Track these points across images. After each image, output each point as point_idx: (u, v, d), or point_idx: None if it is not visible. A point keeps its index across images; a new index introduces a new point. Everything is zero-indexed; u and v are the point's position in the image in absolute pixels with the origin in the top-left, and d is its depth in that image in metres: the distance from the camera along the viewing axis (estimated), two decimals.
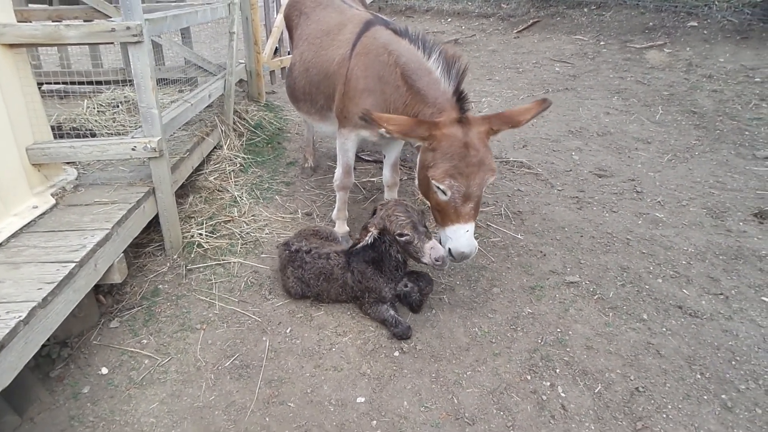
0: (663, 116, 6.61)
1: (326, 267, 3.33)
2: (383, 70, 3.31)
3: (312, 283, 3.35)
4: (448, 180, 2.88)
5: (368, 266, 3.25)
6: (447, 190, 2.91)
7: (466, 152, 2.87)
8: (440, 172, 2.89)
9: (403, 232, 3.03)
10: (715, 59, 8.10)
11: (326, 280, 3.33)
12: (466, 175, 2.87)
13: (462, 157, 2.86)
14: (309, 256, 3.37)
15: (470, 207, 2.95)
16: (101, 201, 3.38)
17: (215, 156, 5.04)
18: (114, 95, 5.43)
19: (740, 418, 2.63)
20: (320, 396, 2.79)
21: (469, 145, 2.88)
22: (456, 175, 2.87)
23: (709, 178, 5.04)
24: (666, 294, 3.49)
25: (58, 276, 2.55)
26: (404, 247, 3.10)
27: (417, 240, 3.03)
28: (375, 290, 3.23)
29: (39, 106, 3.33)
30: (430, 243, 3.03)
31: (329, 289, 3.35)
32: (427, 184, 3.07)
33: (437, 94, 3.11)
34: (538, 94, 7.64)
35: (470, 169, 2.87)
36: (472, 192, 2.91)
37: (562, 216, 4.44)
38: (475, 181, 2.89)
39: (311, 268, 3.34)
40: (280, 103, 7.26)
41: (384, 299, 3.24)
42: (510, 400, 2.76)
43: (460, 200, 2.93)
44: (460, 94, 3.04)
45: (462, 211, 2.95)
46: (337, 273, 3.32)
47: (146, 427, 2.62)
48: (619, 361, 2.98)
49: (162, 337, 3.17)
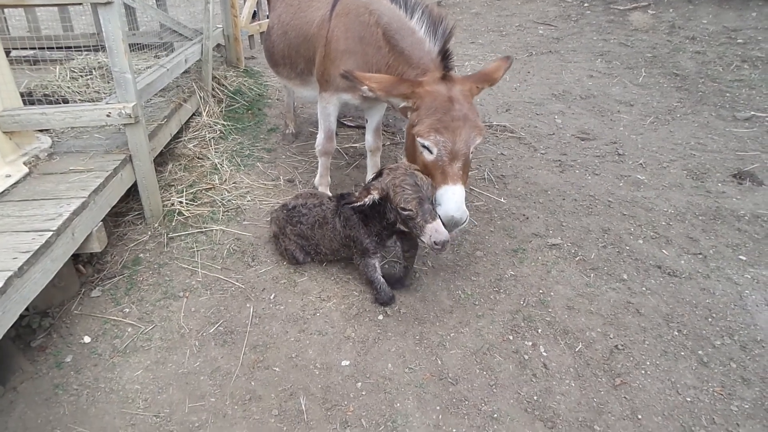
0: (646, 79, 6.61)
1: (320, 213, 3.31)
2: (364, 31, 3.23)
3: (309, 234, 3.32)
4: (433, 135, 2.78)
5: (354, 214, 3.09)
6: (433, 146, 2.81)
7: (451, 106, 2.79)
8: (425, 127, 2.79)
9: (407, 206, 2.73)
10: (698, 21, 8.07)
11: (320, 227, 3.29)
12: (452, 130, 2.77)
13: (446, 111, 2.78)
14: (305, 208, 3.37)
15: (458, 166, 2.82)
16: (77, 169, 3.30)
17: (194, 123, 4.94)
18: (87, 61, 5.25)
19: (715, 372, 2.71)
20: (305, 360, 2.81)
21: (453, 99, 2.81)
22: (441, 129, 2.76)
23: (690, 140, 5.08)
24: (646, 254, 3.54)
25: (35, 245, 2.50)
26: (404, 221, 2.83)
27: (420, 218, 2.72)
28: (356, 240, 3.12)
29: (7, 71, 3.21)
30: (434, 224, 2.70)
31: (324, 236, 3.28)
32: (413, 147, 2.98)
33: (421, 54, 3.05)
34: (521, 57, 7.58)
35: (455, 123, 2.77)
36: (458, 149, 2.79)
37: (544, 179, 4.45)
38: (461, 136, 2.78)
39: (308, 219, 3.33)
40: (259, 68, 7.10)
41: (368, 251, 3.12)
42: (493, 360, 2.80)
43: (447, 158, 2.81)
44: (445, 54, 2.96)
45: (449, 170, 2.82)
46: (329, 217, 3.26)
47: (131, 393, 2.63)
48: (599, 320, 3.04)
49: (144, 305, 3.15)
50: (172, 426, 2.47)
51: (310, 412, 2.53)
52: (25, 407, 2.53)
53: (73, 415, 2.51)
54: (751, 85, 6.15)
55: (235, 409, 2.55)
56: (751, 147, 4.90)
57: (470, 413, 2.53)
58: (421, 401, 2.58)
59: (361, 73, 2.93)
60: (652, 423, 2.46)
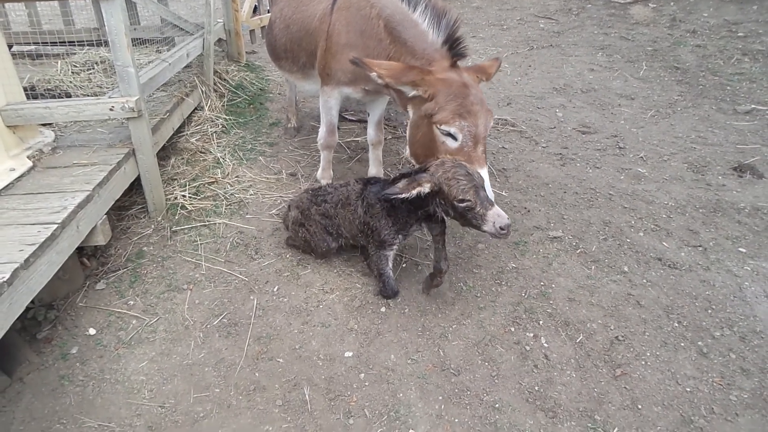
0: (646, 72, 6.61)
1: (344, 193, 3.25)
2: (365, 24, 3.24)
3: (332, 213, 3.26)
4: (458, 121, 2.76)
5: (379, 203, 3.01)
6: (458, 132, 2.79)
7: (467, 91, 2.81)
8: (448, 113, 2.77)
9: (466, 197, 2.61)
10: (698, 14, 8.05)
11: (342, 207, 3.23)
12: (474, 113, 2.77)
13: (465, 96, 2.79)
14: (331, 187, 3.36)
15: (481, 150, 2.83)
16: (81, 163, 3.32)
17: (196, 117, 4.95)
18: (89, 56, 5.27)
19: (715, 363, 2.73)
20: (309, 351, 2.84)
21: (467, 85, 2.83)
22: (464, 113, 2.76)
23: (690, 133, 5.08)
24: (646, 247, 3.56)
25: (40, 237, 2.52)
26: (461, 213, 2.69)
27: (480, 207, 2.62)
28: (373, 229, 3.06)
29: (10, 66, 3.23)
30: (494, 210, 2.63)
31: (345, 217, 3.21)
32: (430, 138, 2.91)
33: (425, 45, 3.05)
34: (522, 51, 7.58)
35: (475, 107, 2.79)
36: (480, 132, 2.81)
37: (546, 173, 4.47)
38: (481, 120, 2.80)
39: (332, 198, 3.28)
40: (261, 63, 7.11)
41: (384, 244, 3.06)
42: (494, 351, 2.83)
43: (472, 142, 2.80)
44: (452, 45, 2.95)
45: (474, 155, 2.80)
46: (352, 198, 3.19)
47: (136, 384, 2.65)
48: (600, 312, 3.06)
49: (149, 297, 3.17)
50: (177, 416, 2.50)
51: (313, 403, 2.56)
52: (32, 398, 2.56)
53: (79, 406, 2.54)
54: (752, 79, 6.15)
55: (240, 399, 2.58)
56: (751, 140, 4.91)
57: (472, 403, 2.55)
58: (424, 392, 2.61)
59: (369, 59, 2.92)
60: (651, 413, 2.49)
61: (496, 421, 2.47)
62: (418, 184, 2.69)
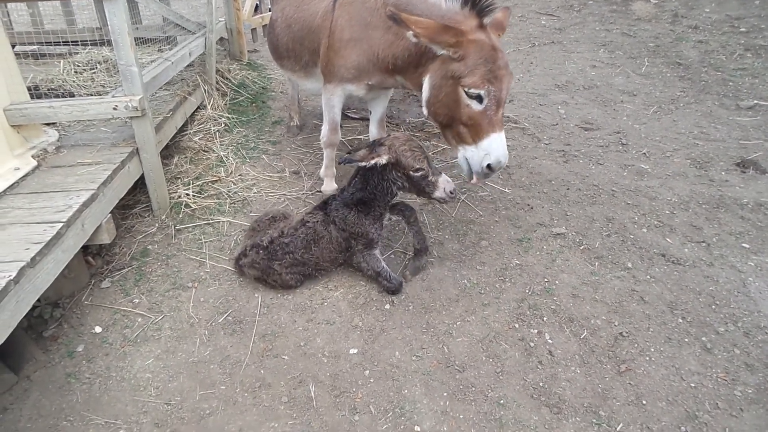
0: (648, 68, 6.60)
1: (308, 232, 3.15)
2: (370, 16, 3.22)
3: (306, 257, 3.14)
4: (487, 85, 2.80)
5: (349, 210, 3.13)
6: (485, 96, 2.82)
7: (496, 55, 2.81)
8: (478, 78, 2.79)
9: (421, 165, 2.93)
10: (701, 9, 8.04)
11: (316, 244, 3.15)
12: (500, 78, 2.81)
13: (494, 60, 2.80)
14: (286, 237, 3.15)
15: (501, 113, 2.91)
16: (84, 162, 3.33)
17: (199, 116, 4.96)
18: (91, 55, 5.27)
19: (719, 359, 2.74)
20: (313, 348, 2.85)
21: (495, 48, 2.82)
22: (493, 79, 2.79)
23: (693, 129, 5.08)
24: (650, 243, 3.56)
25: (46, 236, 2.53)
26: (416, 182, 2.98)
27: (431, 175, 2.97)
28: (362, 234, 3.13)
29: (14, 65, 3.24)
30: (443, 177, 3.00)
31: (322, 253, 3.18)
32: (454, 99, 2.94)
33: (441, 13, 2.98)
34: (524, 48, 7.57)
35: (502, 71, 2.82)
36: (503, 96, 2.87)
37: (548, 169, 4.47)
38: (505, 84, 2.85)
39: (296, 245, 3.13)
40: (262, 61, 7.11)
41: (373, 242, 3.17)
42: (499, 348, 2.84)
43: (495, 106, 2.86)
44: (474, 3, 2.87)
45: (495, 118, 2.87)
46: (320, 230, 3.16)
47: (142, 382, 2.67)
48: (604, 308, 3.06)
49: (154, 295, 3.18)
50: (183, 413, 2.51)
51: (319, 399, 2.57)
52: (39, 395, 2.58)
53: (86, 403, 2.56)
54: (755, 74, 6.14)
55: (245, 396, 2.59)
56: (754, 136, 4.91)
57: (477, 399, 2.56)
58: (429, 388, 2.62)
59: (407, 15, 2.84)
60: (656, 408, 2.50)
61: (500, 417, 2.47)
62: (377, 155, 2.93)
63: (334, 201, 3.22)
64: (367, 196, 3.11)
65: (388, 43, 3.18)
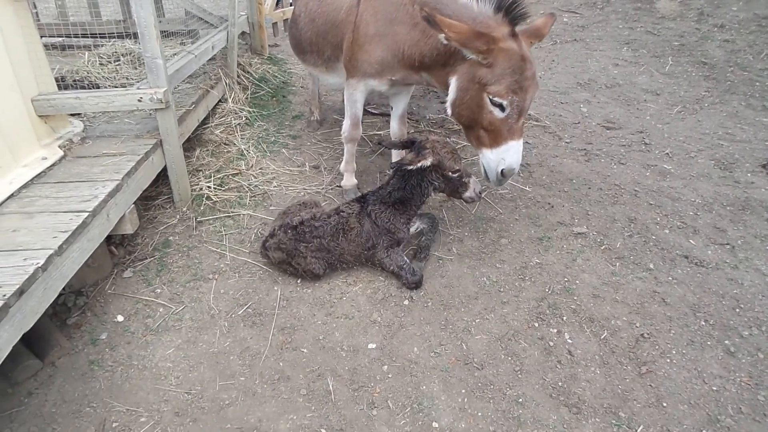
0: (673, 67, 6.50)
1: (340, 221, 3.21)
2: (396, 11, 3.21)
3: (332, 245, 3.17)
4: (511, 96, 2.83)
5: (386, 208, 3.23)
6: (508, 106, 2.86)
7: (524, 65, 2.81)
8: (503, 87, 2.82)
9: (459, 167, 3.15)
10: (727, 8, 7.88)
11: (344, 234, 3.19)
12: (525, 89, 2.84)
13: (522, 71, 2.80)
14: (317, 221, 3.20)
15: (522, 122, 2.95)
16: (109, 153, 3.37)
17: (220, 109, 4.99)
18: (115, 48, 5.33)
19: (743, 363, 2.70)
20: (332, 342, 2.86)
21: (525, 58, 2.81)
22: (518, 90, 2.82)
23: (718, 130, 5.00)
24: (672, 244, 3.51)
25: (72, 225, 2.57)
26: (452, 183, 3.19)
27: (465, 176, 3.19)
28: (393, 232, 3.21)
29: (42, 56, 3.28)
30: (473, 178, 3.24)
31: (349, 245, 3.20)
32: (477, 104, 2.97)
33: (472, 15, 2.95)
34: (545, 46, 7.50)
35: (528, 82, 2.83)
36: (526, 107, 2.91)
37: (570, 168, 4.43)
38: (530, 95, 2.88)
39: (326, 231, 3.17)
40: (283, 56, 7.12)
41: (399, 242, 3.27)
42: (518, 346, 2.82)
43: (516, 116, 2.90)
44: (508, 9, 2.84)
45: (515, 127, 2.93)
46: (353, 222, 3.21)
47: (164, 371, 2.70)
48: (625, 309, 3.04)
49: (175, 286, 3.22)
50: (203, 403, 2.54)
51: (337, 393, 2.58)
52: (63, 381, 2.62)
53: (108, 390, 2.60)
54: None
55: (265, 388, 2.61)
56: None
57: (495, 397, 2.56)
58: (447, 385, 2.62)
59: (441, 17, 2.81)
60: (677, 411, 2.47)
61: (519, 415, 2.47)
62: (423, 158, 3.06)
63: (372, 196, 3.30)
64: (405, 195, 3.22)
65: (415, 41, 3.17)
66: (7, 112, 2.96)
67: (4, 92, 2.96)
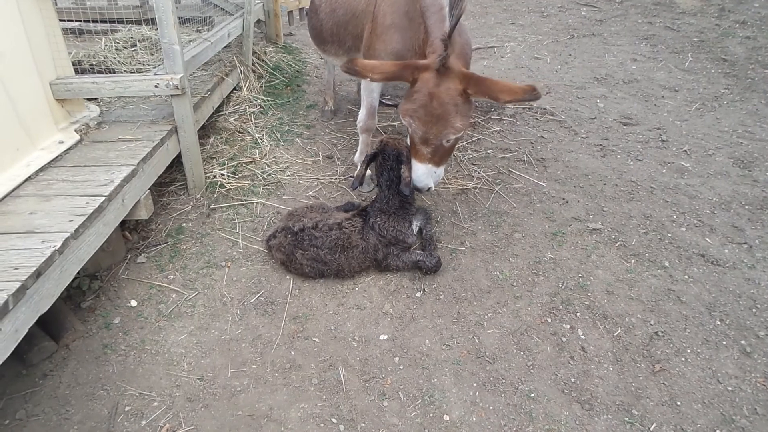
0: (692, 64, 6.40)
1: (342, 237, 3.12)
2: (409, 6, 3.20)
3: (329, 259, 3.10)
4: (407, 118, 2.90)
5: (389, 216, 3.18)
6: (407, 126, 2.95)
7: (429, 103, 2.80)
8: (402, 108, 2.92)
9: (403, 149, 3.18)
10: (749, 4, 7.75)
11: (343, 252, 3.11)
12: (423, 122, 2.85)
13: (423, 105, 2.82)
14: (318, 231, 3.12)
15: (427, 150, 2.97)
16: (125, 138, 3.38)
17: (234, 97, 4.99)
18: (131, 33, 5.33)
19: (758, 363, 2.67)
20: (344, 332, 2.86)
21: (434, 96, 2.79)
22: (415, 117, 2.86)
23: (737, 128, 4.92)
24: (689, 242, 3.47)
25: (89, 209, 2.58)
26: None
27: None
28: (401, 240, 3.19)
29: (60, 40, 3.29)
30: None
31: (349, 262, 3.14)
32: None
33: (438, 33, 2.90)
34: (562, 40, 7.41)
35: (428, 118, 2.84)
36: (428, 138, 2.91)
37: (585, 163, 4.38)
38: (432, 131, 2.86)
39: (324, 243, 3.09)
40: (298, 45, 7.11)
41: (411, 245, 3.27)
42: (530, 341, 2.81)
43: (418, 140, 2.96)
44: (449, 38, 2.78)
45: (418, 149, 3.00)
46: (356, 239, 3.13)
47: (176, 356, 2.72)
48: (639, 306, 3.01)
49: (188, 273, 3.23)
50: (215, 389, 2.55)
51: (348, 383, 2.58)
52: (77, 364, 2.65)
53: (121, 374, 2.62)
54: None
55: (276, 376, 2.62)
56: None
57: (507, 391, 2.55)
58: (458, 378, 2.61)
59: (363, 62, 2.90)
60: (691, 410, 2.45)
61: (531, 410, 2.45)
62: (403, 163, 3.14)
63: (371, 208, 3.26)
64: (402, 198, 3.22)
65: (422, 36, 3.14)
66: (25, 95, 2.97)
67: (23, 75, 2.97)
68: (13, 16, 2.86)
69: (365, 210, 3.29)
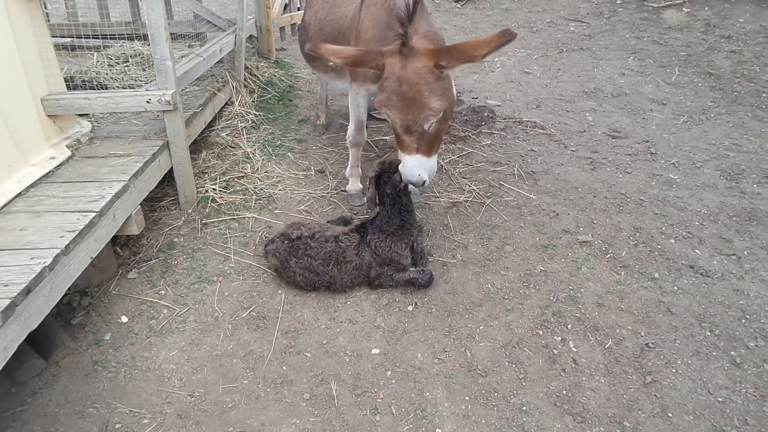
0: (679, 77, 6.50)
1: (336, 250, 3.12)
2: (388, 17, 3.23)
3: (321, 270, 3.11)
4: (385, 110, 2.90)
5: (387, 236, 3.14)
6: (387, 118, 2.95)
7: (399, 87, 2.80)
8: (376, 100, 2.92)
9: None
10: (734, 19, 7.89)
11: (337, 265, 3.12)
12: (399, 109, 2.84)
13: (394, 91, 2.81)
14: (314, 241, 3.14)
15: (412, 140, 2.94)
16: (117, 153, 3.38)
17: (227, 112, 5.01)
18: (123, 49, 5.36)
19: (748, 374, 2.68)
20: (336, 347, 2.86)
21: (402, 79, 2.79)
22: (390, 106, 2.85)
23: (724, 140, 4.99)
24: (678, 254, 3.50)
25: (79, 225, 2.58)
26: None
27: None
28: (396, 260, 3.14)
29: (52, 56, 3.30)
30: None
31: (342, 276, 3.14)
32: None
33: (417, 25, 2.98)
34: (552, 54, 7.51)
35: (402, 103, 2.82)
36: (409, 125, 2.88)
37: (575, 176, 4.42)
38: (409, 116, 2.84)
39: (319, 254, 3.10)
40: (290, 60, 7.16)
41: (406, 268, 3.18)
42: (522, 354, 2.81)
43: (399, 130, 2.94)
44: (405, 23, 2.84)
45: (403, 140, 2.96)
46: (350, 255, 3.13)
47: (167, 373, 2.70)
48: (630, 318, 3.02)
49: (179, 288, 3.22)
50: (206, 405, 2.54)
51: (340, 398, 2.58)
52: (66, 381, 2.63)
53: (111, 391, 2.60)
54: None
55: (268, 391, 2.61)
56: None
57: (499, 405, 2.54)
58: (451, 391, 2.61)
59: (326, 46, 2.92)
60: (682, 421, 2.45)
61: (523, 423, 2.45)
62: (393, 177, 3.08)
63: (371, 225, 3.23)
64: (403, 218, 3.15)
65: None
66: (17, 110, 2.97)
67: (15, 91, 2.98)
68: (5, 32, 2.87)
69: (365, 226, 3.29)
